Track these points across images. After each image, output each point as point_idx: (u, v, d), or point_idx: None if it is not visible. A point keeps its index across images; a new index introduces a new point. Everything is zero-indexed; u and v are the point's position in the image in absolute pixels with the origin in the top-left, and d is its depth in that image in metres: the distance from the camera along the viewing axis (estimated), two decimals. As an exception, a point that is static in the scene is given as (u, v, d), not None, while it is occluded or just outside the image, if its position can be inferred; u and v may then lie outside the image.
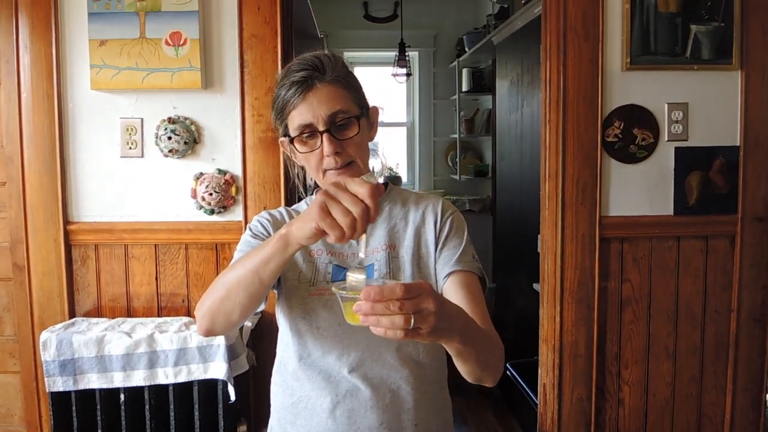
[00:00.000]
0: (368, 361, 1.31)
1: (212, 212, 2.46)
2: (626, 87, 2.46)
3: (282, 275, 1.36)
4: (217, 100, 2.46)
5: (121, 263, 2.49)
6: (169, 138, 2.42)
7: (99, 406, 2.22)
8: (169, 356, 2.19)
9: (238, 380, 2.26)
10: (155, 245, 2.49)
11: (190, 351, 2.20)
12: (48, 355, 2.19)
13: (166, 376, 2.21)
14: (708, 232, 2.51)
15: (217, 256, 2.48)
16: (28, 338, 2.48)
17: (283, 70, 1.36)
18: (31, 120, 2.43)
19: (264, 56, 2.43)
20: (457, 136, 5.89)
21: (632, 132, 2.45)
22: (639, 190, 2.49)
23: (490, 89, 5.16)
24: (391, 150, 6.45)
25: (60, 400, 2.22)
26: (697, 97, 2.48)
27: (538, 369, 2.60)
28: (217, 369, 2.19)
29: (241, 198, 2.47)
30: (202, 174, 2.46)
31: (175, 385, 2.22)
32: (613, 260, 2.50)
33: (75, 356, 2.19)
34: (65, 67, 2.44)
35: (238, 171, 2.47)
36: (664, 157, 2.49)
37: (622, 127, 2.45)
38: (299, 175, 1.52)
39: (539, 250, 2.57)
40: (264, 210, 1.51)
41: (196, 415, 2.25)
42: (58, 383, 2.20)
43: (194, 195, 2.46)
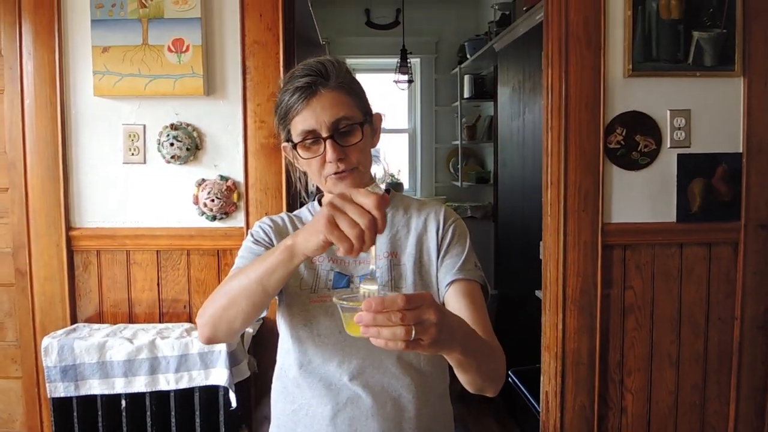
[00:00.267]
0: (369, 369, 1.30)
1: (214, 218, 2.46)
2: (628, 94, 2.45)
3: None
4: (220, 106, 2.46)
5: (123, 269, 2.49)
6: (172, 144, 2.42)
7: (100, 412, 2.22)
8: (171, 362, 2.19)
9: (240, 387, 2.25)
10: (157, 251, 2.48)
11: (192, 357, 2.19)
12: (49, 360, 2.19)
13: (168, 382, 2.20)
14: (711, 240, 2.50)
15: (219, 262, 2.48)
16: (30, 344, 2.48)
17: (287, 75, 1.36)
18: (34, 126, 2.43)
19: (266, 63, 2.43)
20: (458, 142, 5.90)
21: (634, 139, 2.45)
22: (641, 197, 2.48)
23: (492, 96, 5.16)
24: (393, 156, 6.45)
25: (61, 405, 2.22)
26: (700, 103, 2.47)
27: (541, 376, 2.59)
28: (219, 375, 2.19)
29: (242, 204, 2.47)
30: (204, 180, 2.46)
31: (177, 392, 2.22)
32: (615, 267, 2.49)
33: (76, 362, 2.19)
34: (68, 74, 2.45)
35: (240, 177, 2.47)
36: (667, 164, 2.48)
37: (624, 133, 2.45)
38: (301, 180, 1.52)
39: (541, 257, 2.57)
40: (266, 216, 1.51)
41: (197, 421, 2.24)
42: (60, 389, 2.19)
43: (196, 201, 2.46)
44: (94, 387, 2.20)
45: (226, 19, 2.44)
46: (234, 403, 2.20)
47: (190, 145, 2.44)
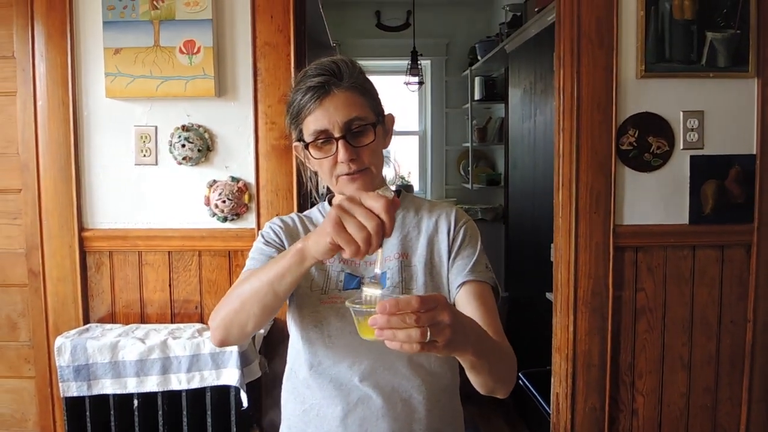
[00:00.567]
0: (380, 370, 1.30)
1: (225, 219, 2.47)
2: (641, 95, 2.44)
3: None
4: (231, 108, 2.47)
5: (135, 270, 2.50)
6: (183, 146, 2.43)
7: (112, 412, 2.23)
8: (182, 362, 2.20)
9: (251, 387, 2.26)
10: (169, 252, 2.49)
11: (203, 357, 2.20)
12: (62, 360, 2.20)
13: (179, 382, 2.21)
14: (724, 242, 2.48)
15: (230, 263, 2.48)
16: (43, 344, 2.49)
17: (299, 75, 1.35)
18: (47, 128, 2.45)
19: (277, 64, 2.44)
20: (469, 144, 5.89)
21: (647, 140, 2.44)
22: (654, 199, 2.47)
23: (503, 98, 5.15)
24: (404, 159, 6.45)
25: (74, 405, 2.23)
26: (713, 104, 2.46)
27: (551, 378, 2.58)
28: (230, 375, 2.19)
29: (254, 205, 2.48)
30: (215, 181, 2.47)
31: (188, 391, 2.23)
32: (627, 269, 2.48)
33: (89, 362, 2.20)
34: (80, 75, 2.46)
35: (251, 178, 2.47)
36: (679, 166, 2.47)
37: (636, 135, 2.44)
38: (312, 180, 1.52)
39: (552, 259, 2.56)
40: (276, 216, 1.51)
41: (209, 421, 2.25)
42: (73, 388, 2.21)
43: (207, 202, 2.47)
44: (107, 386, 2.21)
45: (238, 21, 2.44)
46: (245, 403, 2.20)
47: (201, 146, 2.44)
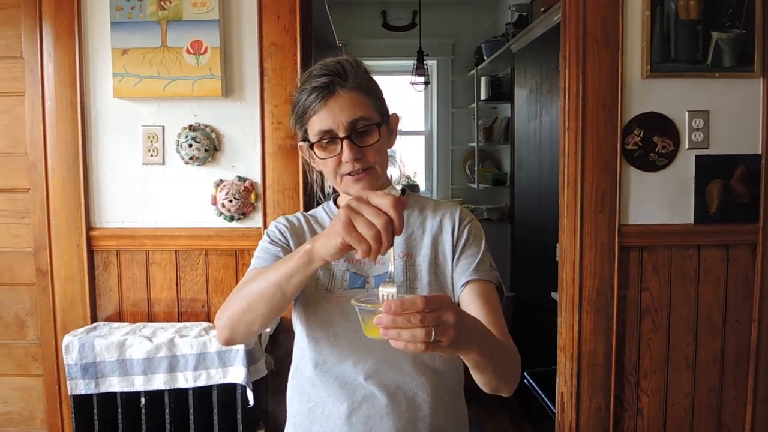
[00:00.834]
0: (384, 369, 1.31)
1: (232, 219, 2.48)
2: (646, 94, 2.44)
3: None
4: (237, 108, 2.48)
5: (143, 269, 2.51)
6: (190, 145, 2.44)
7: (120, 409, 2.24)
8: (189, 360, 2.21)
9: (257, 385, 2.27)
10: (176, 251, 2.51)
11: (210, 356, 2.21)
12: (70, 358, 2.22)
13: (186, 380, 2.23)
14: (729, 241, 2.48)
15: (237, 262, 2.50)
16: (51, 342, 2.51)
17: (305, 74, 1.36)
18: (55, 127, 2.46)
19: (283, 64, 2.45)
20: (475, 144, 5.88)
21: (652, 140, 2.44)
22: (659, 199, 2.47)
23: (509, 97, 5.15)
24: (409, 158, 6.46)
25: (82, 403, 2.24)
26: (719, 104, 2.46)
27: (556, 378, 2.58)
28: (236, 374, 2.21)
29: (260, 205, 2.49)
30: (222, 181, 2.48)
31: (195, 389, 2.24)
32: (632, 269, 2.48)
33: (97, 360, 2.21)
34: (88, 76, 2.48)
35: (257, 178, 2.48)
36: (685, 166, 2.47)
37: (641, 134, 2.44)
38: (317, 181, 1.53)
39: (558, 259, 2.56)
40: (282, 216, 1.52)
41: (215, 419, 2.26)
42: (80, 386, 2.22)
43: (214, 202, 2.48)
44: (114, 384, 2.23)
45: (244, 21, 2.45)
46: (251, 401, 2.21)
47: (208, 146, 2.46)
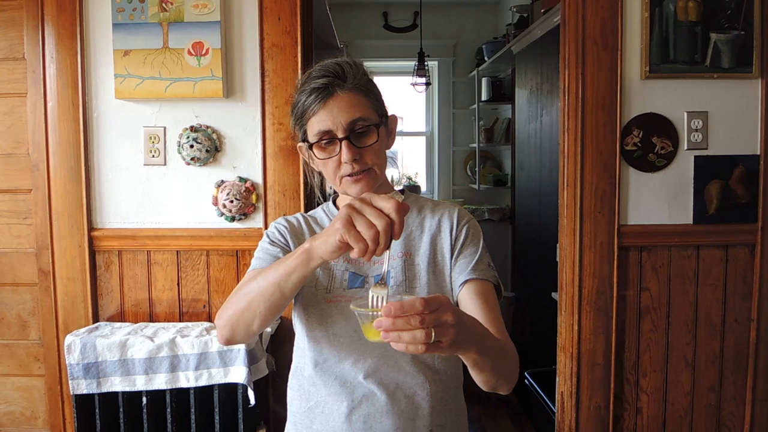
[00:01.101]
0: (384, 367, 1.32)
1: (233, 219, 2.49)
2: (645, 95, 2.45)
3: None
4: (238, 108, 2.49)
5: (144, 269, 2.53)
6: (191, 146, 2.45)
7: (122, 409, 2.26)
8: (191, 360, 2.22)
9: (258, 384, 2.28)
10: (177, 251, 2.52)
11: (211, 355, 2.22)
12: (72, 358, 2.23)
13: (188, 379, 2.24)
14: (728, 241, 2.49)
15: (238, 262, 2.51)
16: (53, 342, 2.52)
17: (304, 76, 1.38)
18: (57, 128, 2.48)
19: (284, 65, 2.46)
20: (476, 145, 5.89)
21: (651, 140, 2.45)
22: (658, 199, 2.48)
23: (510, 98, 5.16)
24: (410, 159, 6.47)
25: (84, 402, 2.25)
26: (717, 105, 2.47)
27: (556, 377, 2.59)
28: (238, 373, 2.22)
29: (261, 205, 2.50)
30: (223, 182, 2.49)
31: (196, 389, 2.25)
32: (631, 269, 2.49)
33: (99, 360, 2.22)
34: (90, 77, 2.49)
35: (258, 179, 2.50)
36: (684, 166, 2.48)
37: (641, 135, 2.45)
38: (317, 181, 1.54)
39: (558, 259, 2.57)
40: (281, 216, 1.53)
41: (217, 418, 2.27)
42: (82, 386, 2.23)
43: (215, 202, 2.49)
44: (116, 384, 2.24)
45: (245, 23, 2.47)
46: (252, 401, 2.22)
47: (209, 146, 2.47)
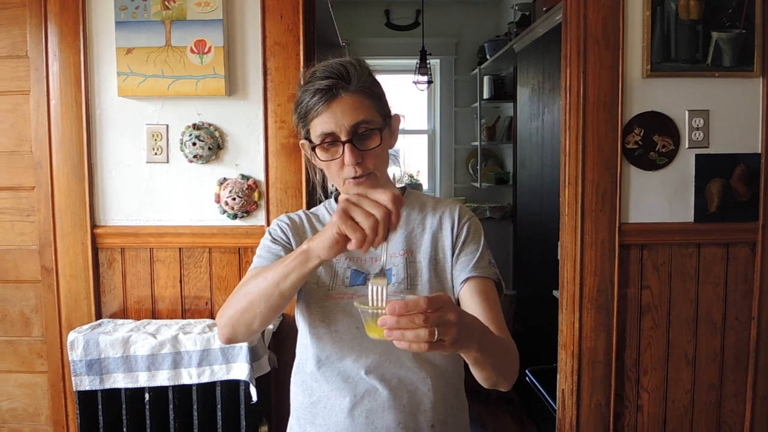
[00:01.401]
0: (386, 363, 1.33)
1: (235, 217, 2.50)
2: (646, 94, 2.46)
3: None
4: (241, 106, 2.50)
5: (147, 266, 2.53)
6: (194, 144, 2.46)
7: (124, 405, 2.27)
8: (193, 357, 2.23)
9: (260, 381, 2.28)
10: (179, 249, 2.53)
11: (213, 352, 2.23)
12: (75, 354, 2.24)
13: (190, 376, 2.24)
14: (729, 240, 2.50)
15: (240, 259, 2.52)
16: (56, 339, 2.53)
17: (308, 74, 1.37)
18: (60, 126, 2.48)
19: (287, 64, 2.46)
20: (478, 143, 5.90)
21: (652, 139, 2.46)
22: (659, 197, 2.49)
23: (512, 96, 5.16)
24: (412, 157, 6.47)
25: (86, 399, 2.26)
26: (718, 104, 2.47)
27: (557, 375, 2.60)
28: (240, 370, 2.22)
29: (263, 203, 2.51)
30: (225, 179, 2.50)
31: (199, 386, 2.26)
32: (632, 267, 2.50)
33: (101, 356, 2.23)
34: (93, 75, 2.50)
35: (260, 176, 2.50)
36: (685, 164, 2.49)
37: (642, 134, 2.45)
38: (319, 178, 1.54)
39: (559, 257, 2.58)
40: (284, 214, 1.53)
41: (219, 414, 2.28)
42: (85, 382, 2.24)
43: (218, 200, 2.50)
44: (119, 381, 2.25)
45: (248, 21, 2.47)
46: (255, 398, 2.23)
47: (212, 144, 2.48)
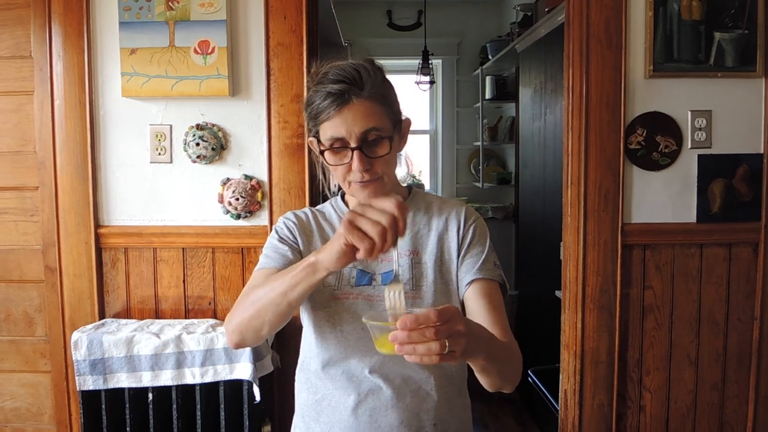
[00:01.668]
0: (389, 363, 1.33)
1: (238, 217, 2.51)
2: (649, 94, 2.46)
3: None
4: (244, 107, 2.50)
5: (150, 266, 2.54)
6: (197, 144, 2.47)
7: (128, 405, 2.27)
8: (196, 357, 2.24)
9: (263, 381, 2.29)
10: (183, 249, 2.53)
11: (217, 352, 2.24)
12: (79, 354, 2.24)
13: (193, 376, 2.25)
14: (731, 240, 2.50)
15: (243, 259, 2.52)
16: (59, 339, 2.53)
17: (320, 73, 1.35)
18: (64, 126, 2.49)
19: (290, 64, 2.47)
20: (480, 143, 5.89)
21: (655, 139, 2.46)
22: (662, 198, 2.49)
23: (514, 97, 5.16)
24: (415, 157, 6.47)
25: (90, 398, 2.27)
26: (721, 104, 2.47)
27: (559, 375, 2.60)
28: (243, 370, 2.23)
29: (266, 203, 2.51)
30: (228, 179, 2.51)
31: (202, 385, 2.27)
32: (635, 267, 2.50)
33: (105, 356, 2.24)
34: (97, 75, 2.50)
35: (263, 176, 2.51)
36: (687, 165, 2.48)
37: (644, 134, 2.45)
38: (325, 175, 1.54)
39: (561, 257, 2.58)
40: (290, 211, 1.53)
41: (222, 414, 2.29)
42: (89, 382, 2.25)
43: (221, 200, 2.51)
44: (122, 380, 2.25)
45: (251, 21, 2.48)
46: (258, 397, 2.24)
47: (215, 144, 2.48)
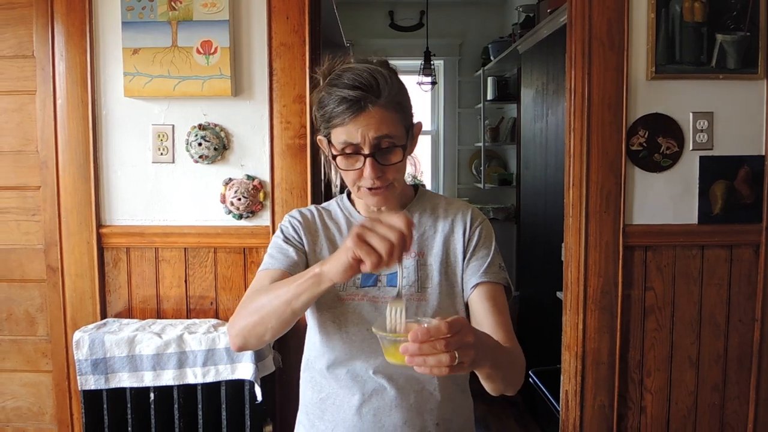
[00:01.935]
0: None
1: (240, 217, 2.51)
2: (651, 96, 2.46)
3: None
4: (246, 107, 2.50)
5: (152, 266, 2.54)
6: (200, 144, 2.47)
7: (129, 405, 2.27)
8: (198, 357, 2.24)
9: (265, 381, 2.29)
10: (185, 249, 2.53)
11: (218, 352, 2.24)
12: (81, 354, 2.25)
13: (195, 376, 2.25)
14: (732, 242, 2.50)
15: (245, 260, 2.52)
16: (61, 338, 2.54)
17: (335, 74, 1.33)
18: (66, 126, 2.49)
19: (292, 64, 2.47)
20: (481, 144, 5.89)
21: (657, 141, 2.46)
22: (663, 199, 2.49)
23: (515, 98, 5.16)
24: (417, 158, 6.47)
25: (92, 398, 2.27)
26: (723, 106, 2.47)
27: (561, 376, 2.60)
28: (245, 370, 2.23)
29: (268, 203, 2.51)
30: (231, 179, 2.51)
31: (204, 385, 2.27)
32: (636, 268, 2.50)
33: (107, 355, 2.24)
34: (99, 75, 2.50)
35: (266, 177, 2.51)
36: (689, 166, 2.49)
37: (646, 135, 2.46)
38: (333, 174, 1.54)
39: (563, 258, 2.58)
40: (295, 209, 1.52)
41: (224, 414, 2.29)
42: (90, 382, 2.25)
43: (223, 200, 2.51)
44: (124, 380, 2.26)
45: (254, 22, 2.48)
46: (259, 397, 2.24)
47: (217, 145, 2.48)
